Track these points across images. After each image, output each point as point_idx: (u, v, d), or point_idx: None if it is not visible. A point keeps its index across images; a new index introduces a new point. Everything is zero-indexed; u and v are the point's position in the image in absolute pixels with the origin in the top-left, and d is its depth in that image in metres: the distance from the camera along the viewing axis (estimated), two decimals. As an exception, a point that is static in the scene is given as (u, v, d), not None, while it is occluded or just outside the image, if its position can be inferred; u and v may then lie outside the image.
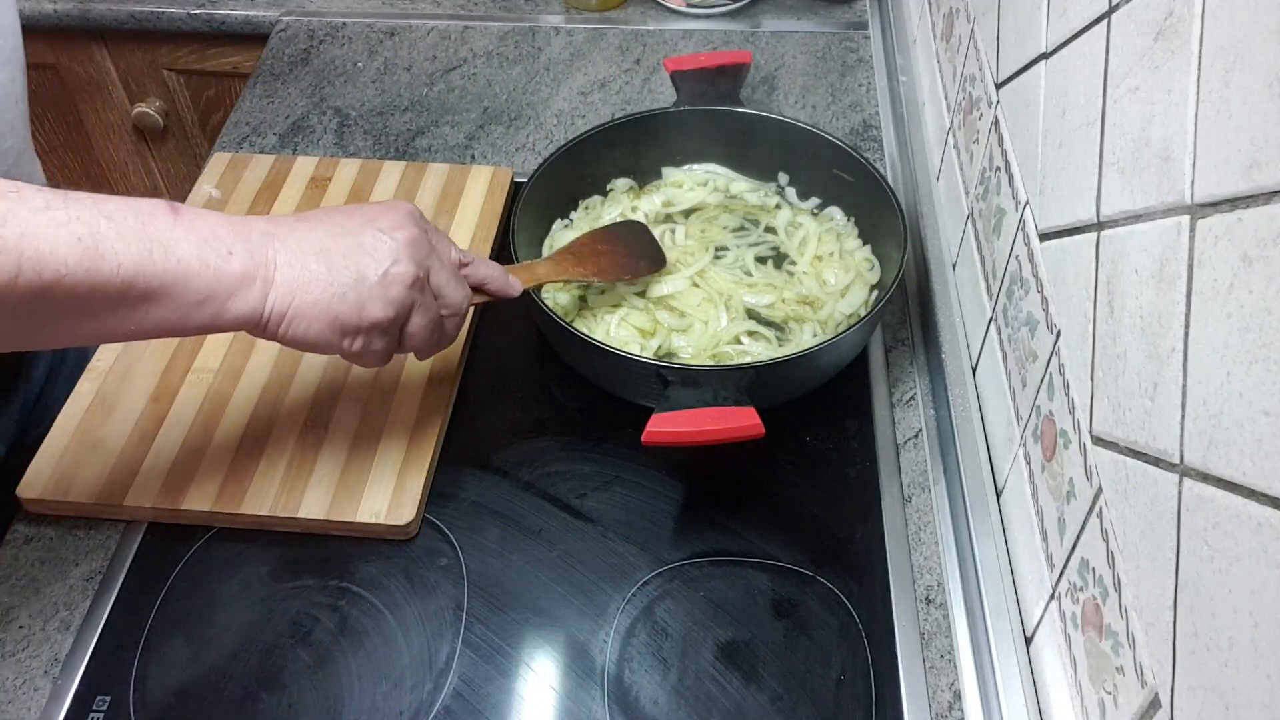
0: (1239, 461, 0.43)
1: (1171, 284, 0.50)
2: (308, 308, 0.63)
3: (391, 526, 0.80)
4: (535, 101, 1.22)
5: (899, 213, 0.91)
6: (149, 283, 0.57)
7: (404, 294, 0.67)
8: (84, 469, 0.83)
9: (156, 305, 0.58)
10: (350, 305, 0.65)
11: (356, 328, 0.66)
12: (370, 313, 0.66)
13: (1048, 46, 0.69)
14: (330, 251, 0.65)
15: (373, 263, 0.66)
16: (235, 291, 0.61)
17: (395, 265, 0.67)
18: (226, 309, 0.61)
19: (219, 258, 0.60)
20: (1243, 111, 0.43)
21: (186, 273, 0.59)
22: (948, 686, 0.75)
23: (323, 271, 0.64)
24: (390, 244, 0.67)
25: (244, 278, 0.61)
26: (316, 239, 0.65)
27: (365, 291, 0.65)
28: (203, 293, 0.60)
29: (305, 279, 0.63)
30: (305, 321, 0.64)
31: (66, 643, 0.76)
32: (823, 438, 0.89)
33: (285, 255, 0.63)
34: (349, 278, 0.65)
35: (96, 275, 0.55)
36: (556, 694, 0.74)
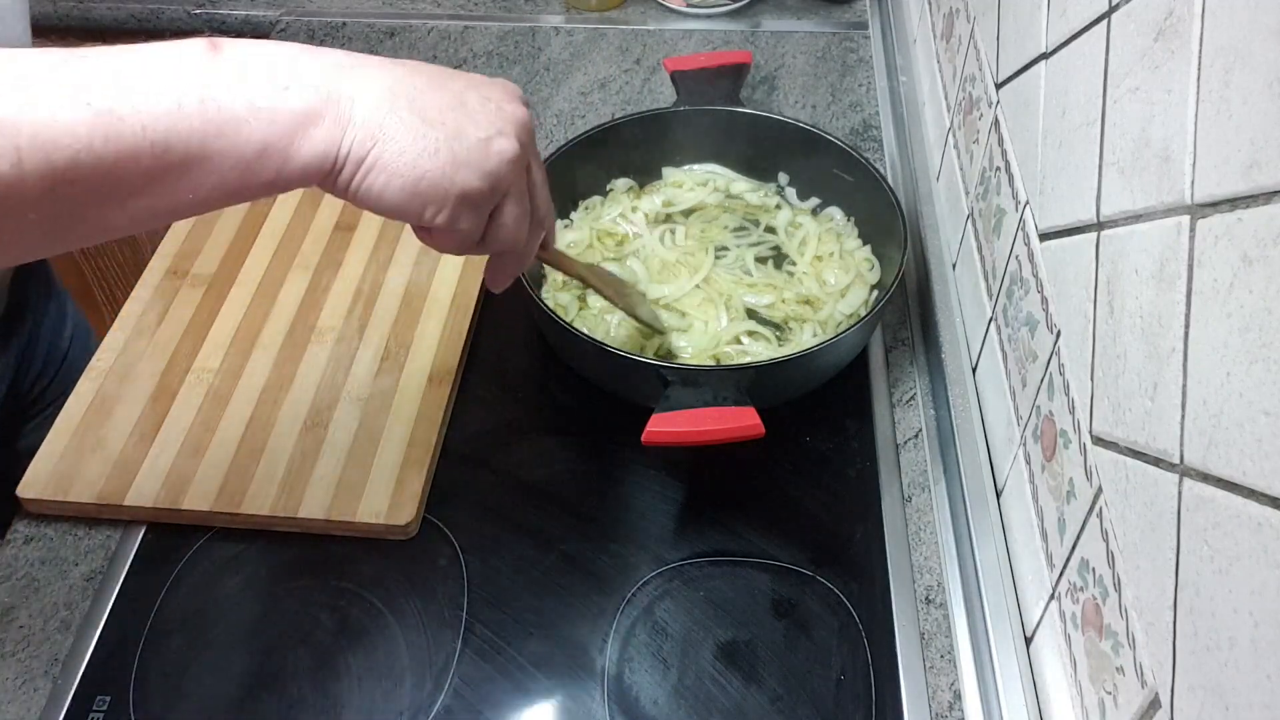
0: (1239, 461, 0.43)
1: (1171, 284, 0.50)
2: (391, 158, 0.53)
3: (391, 526, 0.80)
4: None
5: (899, 213, 0.91)
6: (187, 143, 0.48)
7: (504, 169, 0.57)
8: (84, 469, 0.83)
9: (203, 169, 0.49)
10: (442, 164, 0.54)
11: (445, 194, 0.55)
12: (463, 179, 0.55)
13: (1048, 46, 0.69)
14: (425, 101, 0.55)
15: (475, 126, 0.56)
16: (297, 133, 0.51)
17: (500, 136, 0.57)
18: (291, 156, 0.51)
19: (272, 95, 0.50)
20: (1243, 111, 0.43)
21: (232, 120, 0.49)
22: (948, 686, 0.75)
23: (414, 120, 0.54)
24: (495, 112, 0.57)
25: (307, 115, 0.51)
26: (411, 84, 0.55)
27: (462, 152, 0.55)
28: (257, 142, 0.49)
29: (391, 123, 0.53)
30: (386, 175, 0.53)
31: (66, 642, 0.76)
32: (823, 438, 0.89)
33: (368, 94, 0.53)
34: (444, 133, 0.55)
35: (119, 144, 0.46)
36: (556, 694, 0.74)
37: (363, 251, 1.00)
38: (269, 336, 0.92)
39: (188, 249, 1.00)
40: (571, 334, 0.83)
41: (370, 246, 1.00)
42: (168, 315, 0.94)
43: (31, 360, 0.95)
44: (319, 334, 0.93)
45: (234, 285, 0.97)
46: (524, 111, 0.60)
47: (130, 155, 0.46)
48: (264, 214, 1.03)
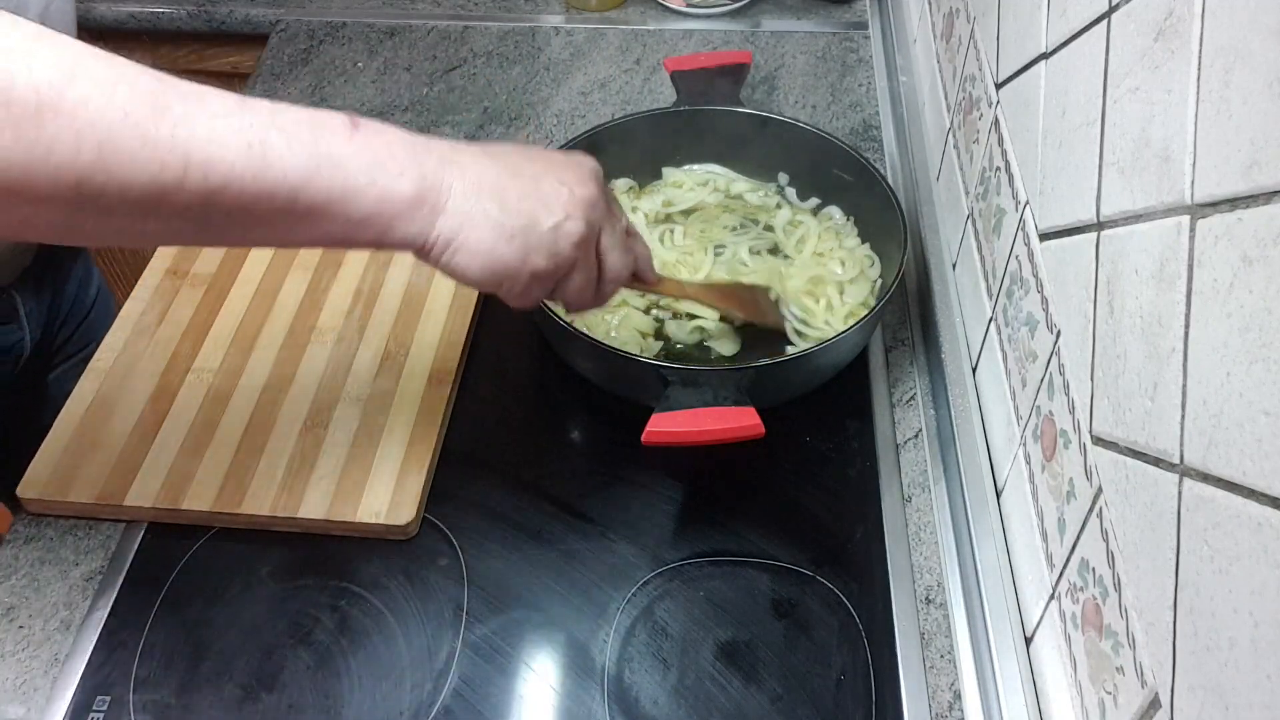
0: (1239, 461, 0.43)
1: (1171, 284, 0.50)
2: (473, 243, 0.62)
3: (391, 526, 0.80)
4: (535, 101, 1.22)
5: (899, 213, 0.91)
6: (313, 197, 0.56)
7: (570, 251, 0.66)
8: (84, 469, 0.83)
9: (321, 219, 0.57)
10: (516, 250, 0.63)
11: (517, 273, 0.64)
12: (534, 262, 0.64)
13: (1048, 46, 0.69)
14: (506, 191, 0.63)
15: (547, 213, 0.64)
16: (401, 214, 0.59)
17: (568, 220, 0.65)
18: (392, 229, 0.60)
19: (389, 178, 0.59)
20: (1243, 111, 0.43)
21: (353, 190, 0.57)
22: (948, 686, 0.75)
23: (495, 210, 0.62)
24: (568, 198, 0.65)
25: (412, 201, 0.60)
26: (495, 174, 0.63)
27: (534, 240, 0.64)
28: (367, 211, 0.58)
29: (476, 213, 0.62)
30: (468, 256, 0.62)
31: (66, 642, 0.76)
32: (823, 438, 0.89)
33: (461, 185, 0.61)
34: (520, 222, 0.63)
35: (262, 183, 0.54)
36: (556, 694, 0.74)
37: (362, 252, 1.00)
38: (269, 336, 0.92)
39: (187, 249, 1.00)
40: (571, 334, 0.83)
41: (370, 246, 1.00)
42: (168, 315, 0.94)
43: (59, 311, 1.04)
44: (319, 334, 0.93)
45: (234, 285, 0.97)
46: (594, 190, 0.68)
47: (268, 194, 0.54)
48: (264, 214, 1.03)
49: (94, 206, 0.51)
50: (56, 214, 0.51)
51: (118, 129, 0.50)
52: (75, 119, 0.49)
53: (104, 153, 0.49)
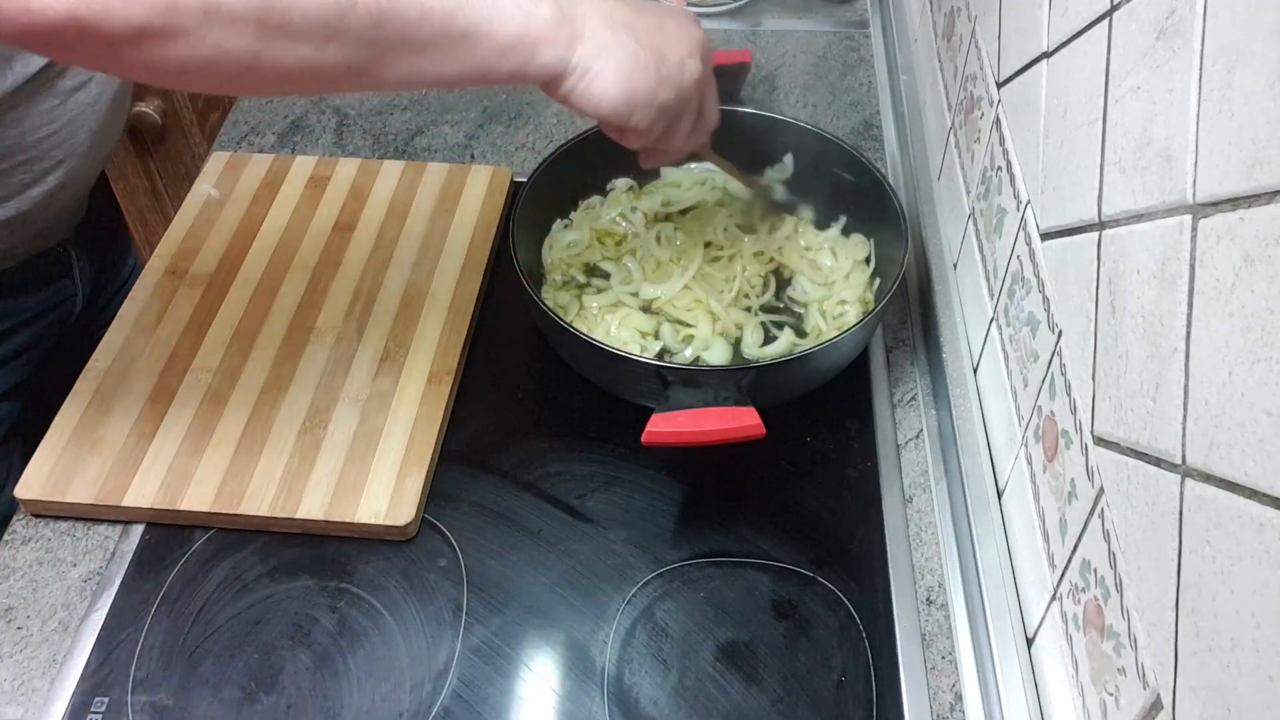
0: (1241, 462, 0.43)
1: (1173, 284, 0.49)
2: (611, 69, 0.66)
3: (391, 527, 0.80)
4: (535, 101, 1.22)
5: (900, 212, 0.91)
6: (468, 18, 0.61)
7: (691, 89, 0.71)
8: (82, 469, 0.82)
9: (474, 43, 0.62)
10: (649, 79, 0.68)
11: (649, 103, 0.68)
12: (664, 94, 0.69)
13: (1049, 45, 0.69)
14: (636, 26, 0.68)
15: (673, 49, 0.69)
16: (543, 39, 0.64)
17: (691, 59, 0.70)
18: (536, 55, 0.64)
19: (532, 4, 0.64)
20: (1244, 111, 0.43)
21: (501, 15, 0.62)
22: (949, 688, 0.75)
23: (629, 41, 0.67)
24: (689, 38, 0.71)
25: (554, 26, 0.64)
26: (624, 11, 0.68)
27: (665, 71, 0.68)
28: (515, 35, 0.63)
29: (613, 43, 0.66)
30: (605, 83, 0.66)
31: (64, 643, 0.76)
32: (823, 438, 0.89)
33: (596, 17, 0.66)
34: (651, 55, 0.68)
35: (424, 4, 0.59)
36: (556, 695, 0.74)
37: (361, 251, 1.00)
38: (267, 336, 0.92)
39: (186, 249, 1.00)
40: (571, 334, 0.83)
41: (369, 246, 1.00)
42: (166, 315, 0.94)
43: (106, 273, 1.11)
44: (318, 334, 0.93)
45: (233, 285, 0.97)
46: (705, 36, 0.73)
47: (428, 17, 0.60)
48: (262, 214, 1.03)
49: (281, 31, 0.55)
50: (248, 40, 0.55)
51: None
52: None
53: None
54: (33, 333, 0.99)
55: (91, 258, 1.05)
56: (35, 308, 0.99)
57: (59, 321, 1.02)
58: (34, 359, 1.00)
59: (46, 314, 1.00)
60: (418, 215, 1.03)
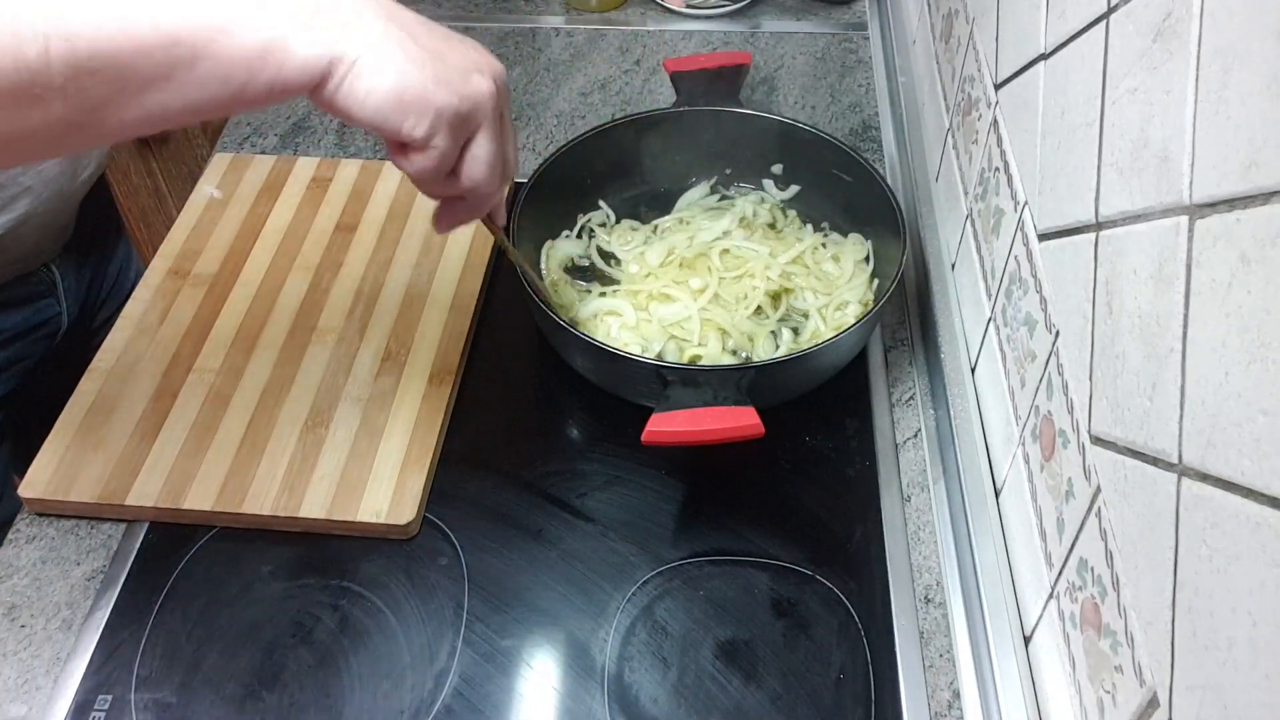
0: (1237, 461, 0.43)
1: (1170, 284, 0.50)
2: (380, 63, 0.56)
3: (392, 526, 0.80)
4: (535, 102, 1.22)
5: (898, 213, 0.91)
6: (194, 36, 0.51)
7: (479, 96, 0.60)
8: (86, 468, 0.83)
9: (209, 64, 0.52)
10: (425, 78, 0.57)
11: (425, 106, 0.57)
12: (443, 96, 0.58)
13: (1046, 47, 0.70)
14: (413, 28, 0.59)
15: (456, 56, 0.60)
16: (294, 33, 0.54)
17: (478, 73, 0.61)
18: (290, 55, 0.54)
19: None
20: (1241, 112, 0.44)
21: (236, 17, 0.52)
22: (947, 685, 0.75)
23: (404, 36, 0.57)
24: (477, 57, 0.62)
25: (308, 17, 0.54)
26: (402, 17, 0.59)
27: (444, 72, 0.58)
28: (261, 41, 0.53)
29: (381, 34, 0.56)
30: (372, 78, 0.56)
31: (68, 642, 0.76)
32: (822, 437, 0.89)
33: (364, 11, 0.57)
34: (428, 55, 0.58)
35: (134, 35, 0.50)
36: (557, 693, 0.74)
37: (363, 252, 1.00)
38: (270, 336, 0.93)
39: (189, 249, 1.00)
40: (571, 334, 0.83)
41: (371, 247, 1.01)
42: (169, 315, 0.94)
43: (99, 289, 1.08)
44: (320, 334, 0.93)
45: (235, 285, 0.97)
46: (499, 67, 0.64)
47: (144, 48, 0.50)
48: (265, 215, 1.04)
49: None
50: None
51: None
52: None
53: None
54: (14, 350, 0.98)
55: (79, 275, 1.03)
56: (15, 327, 0.97)
57: (45, 339, 1.01)
58: (18, 375, 0.99)
59: (29, 332, 0.99)
60: (419, 216, 1.04)
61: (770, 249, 0.98)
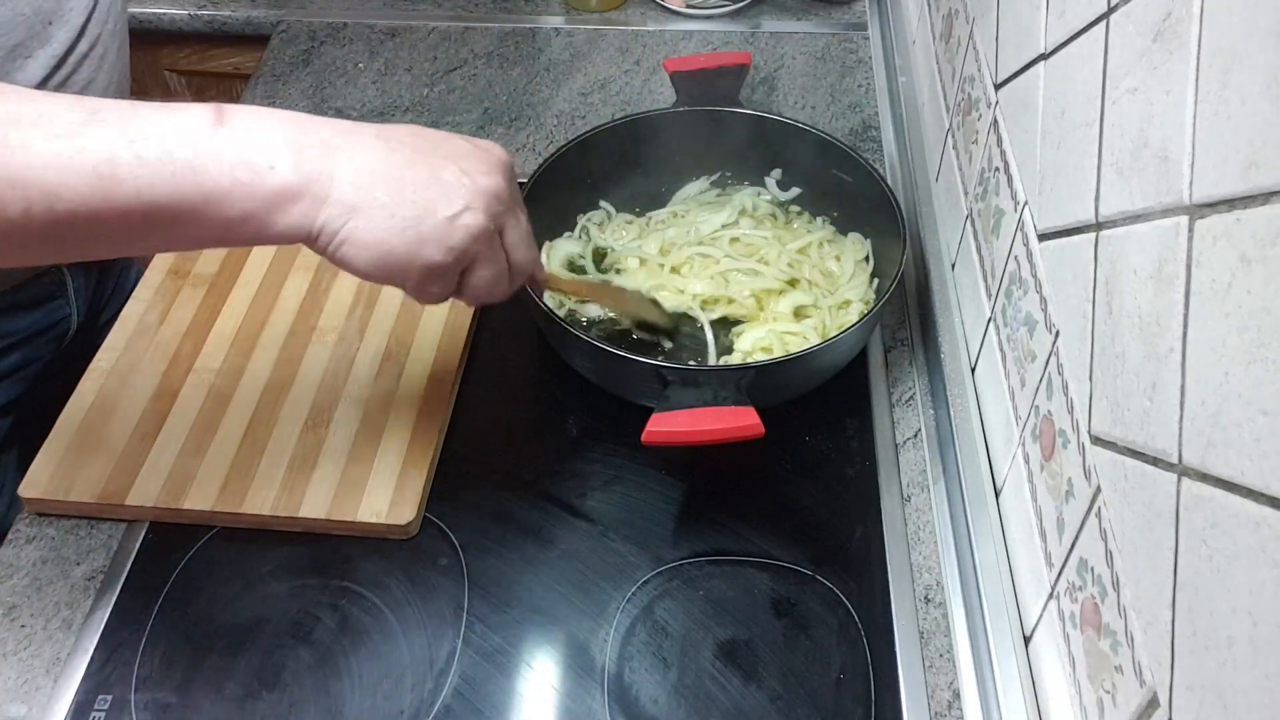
0: (1237, 461, 0.43)
1: (1170, 284, 0.50)
2: (362, 233, 0.59)
3: (392, 526, 0.80)
4: (535, 102, 1.22)
5: (898, 213, 0.91)
6: (177, 207, 0.54)
7: (468, 244, 0.62)
8: (86, 468, 0.83)
9: (188, 227, 0.55)
10: (408, 243, 0.60)
11: (409, 267, 0.61)
12: (427, 255, 0.61)
13: (1046, 47, 0.70)
14: (402, 180, 0.60)
15: (445, 203, 0.61)
16: (275, 209, 0.57)
17: (467, 212, 0.62)
18: (270, 224, 0.57)
19: (257, 173, 0.56)
20: (1241, 112, 0.44)
21: (217, 193, 0.55)
22: (947, 685, 0.75)
23: (387, 200, 0.59)
24: (469, 188, 0.62)
25: (287, 193, 0.57)
26: (389, 162, 0.60)
27: (427, 231, 0.60)
28: (239, 210, 0.56)
29: (365, 203, 0.58)
30: (357, 249, 0.59)
31: (68, 642, 0.76)
32: (822, 437, 0.89)
33: (350, 173, 0.58)
34: (413, 213, 0.60)
35: (116, 204, 0.52)
36: (557, 693, 0.74)
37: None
38: (270, 336, 0.93)
39: (189, 249, 1.00)
40: (571, 334, 0.83)
41: (371, 247, 1.00)
42: (169, 315, 0.94)
43: (105, 290, 1.08)
44: (320, 334, 0.93)
45: (235, 285, 0.97)
46: (499, 183, 0.64)
47: (123, 214, 0.53)
48: (265, 214, 1.03)
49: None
50: None
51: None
52: None
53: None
54: (25, 353, 0.98)
55: (88, 277, 1.03)
56: (27, 329, 0.97)
57: (53, 341, 1.01)
58: (27, 378, 0.99)
59: (40, 334, 0.99)
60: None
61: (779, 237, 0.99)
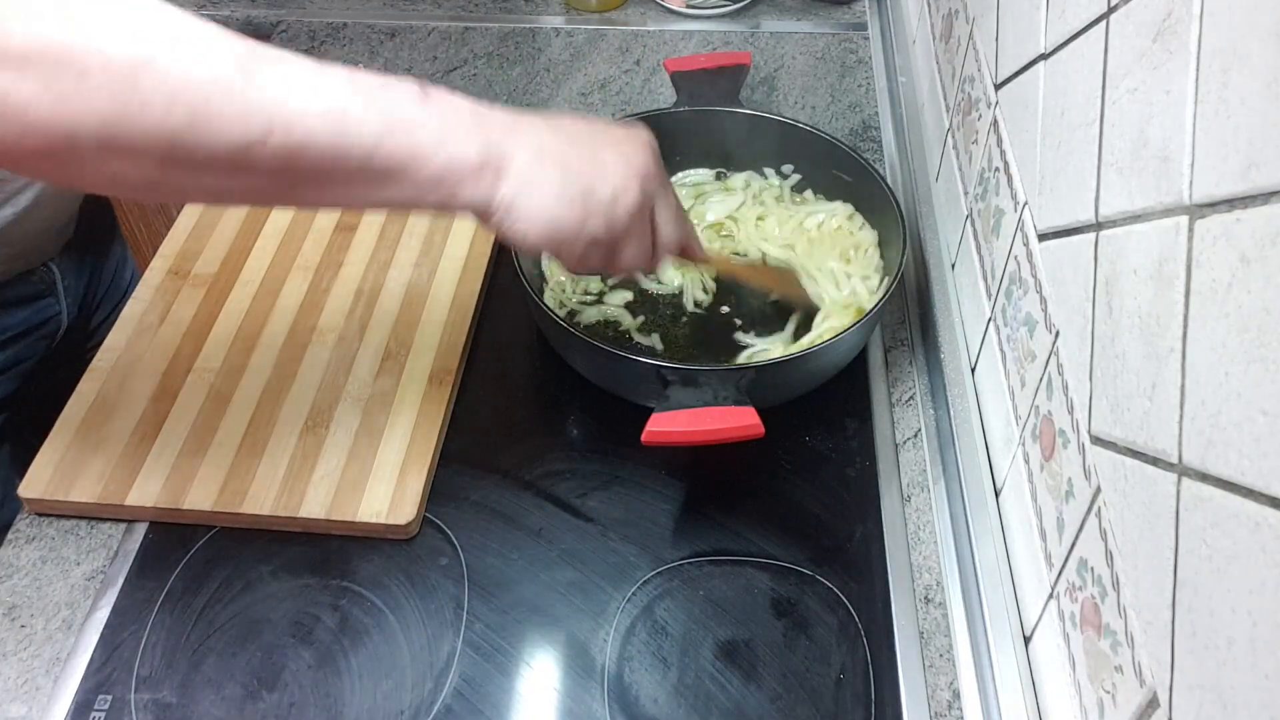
0: (1237, 461, 0.43)
1: (1170, 284, 0.50)
2: (534, 208, 0.64)
3: (392, 526, 0.80)
4: (535, 102, 1.22)
5: (898, 213, 0.91)
6: (386, 161, 0.59)
7: (626, 219, 0.68)
8: (86, 468, 0.83)
9: (392, 182, 0.60)
10: (575, 216, 0.65)
11: (576, 238, 0.66)
12: (591, 228, 0.66)
13: (1046, 47, 0.70)
14: (567, 159, 0.66)
15: (605, 181, 0.67)
16: (465, 179, 0.62)
17: (628, 189, 0.67)
18: (458, 193, 0.62)
19: (456, 144, 0.62)
20: (1241, 112, 0.44)
21: (423, 155, 0.60)
22: (947, 685, 0.75)
23: (555, 177, 0.65)
24: (625, 167, 0.68)
25: (478, 166, 0.62)
26: (556, 143, 0.66)
27: (592, 206, 0.66)
28: (436, 175, 0.61)
29: (538, 179, 0.64)
30: (527, 221, 0.64)
31: (68, 642, 0.76)
32: (822, 437, 0.89)
33: (523, 152, 0.64)
34: (579, 189, 0.65)
35: (339, 145, 0.57)
36: (557, 693, 0.74)
37: (363, 252, 1.00)
38: (270, 336, 0.93)
39: (189, 249, 1.00)
40: (571, 334, 0.83)
41: (371, 247, 1.01)
42: (169, 315, 0.94)
43: (96, 289, 1.09)
44: (320, 334, 0.93)
45: (235, 285, 0.97)
46: (651, 162, 0.70)
47: (344, 154, 0.58)
48: (264, 215, 1.04)
49: (184, 163, 0.54)
50: (149, 170, 0.54)
51: (208, 91, 0.53)
52: (168, 81, 0.52)
53: (194, 113, 0.53)
54: (15, 351, 0.99)
55: (79, 275, 1.04)
56: (17, 326, 0.98)
57: (44, 339, 1.02)
58: (18, 376, 1.00)
59: (30, 332, 1.00)
60: (419, 216, 1.04)
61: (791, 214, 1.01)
